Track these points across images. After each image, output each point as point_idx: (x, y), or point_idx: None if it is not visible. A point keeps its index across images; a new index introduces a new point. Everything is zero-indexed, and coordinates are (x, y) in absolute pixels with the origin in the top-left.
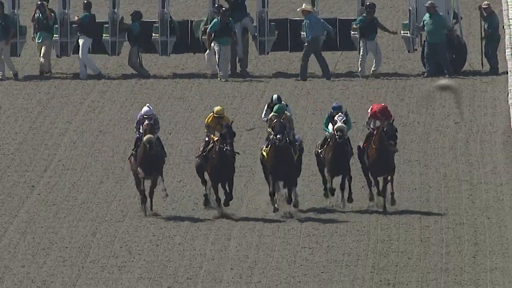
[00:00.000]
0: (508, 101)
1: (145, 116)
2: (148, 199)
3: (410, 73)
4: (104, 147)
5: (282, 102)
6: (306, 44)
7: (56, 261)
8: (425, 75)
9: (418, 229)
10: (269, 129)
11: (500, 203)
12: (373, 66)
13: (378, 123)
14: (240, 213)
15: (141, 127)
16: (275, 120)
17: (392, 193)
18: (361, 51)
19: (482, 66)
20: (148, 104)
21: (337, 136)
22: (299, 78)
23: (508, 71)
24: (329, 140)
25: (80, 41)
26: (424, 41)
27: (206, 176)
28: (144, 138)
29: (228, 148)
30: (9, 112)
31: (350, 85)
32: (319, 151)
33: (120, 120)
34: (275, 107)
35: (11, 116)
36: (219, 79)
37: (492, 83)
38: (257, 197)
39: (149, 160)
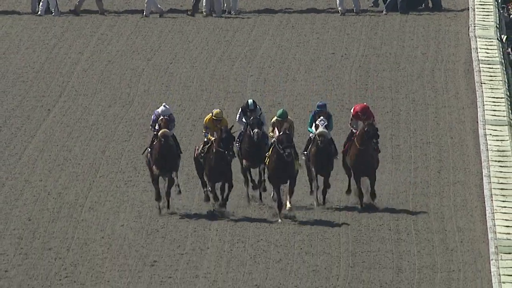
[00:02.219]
0: (469, 34)
1: (161, 118)
2: (165, 199)
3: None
4: (112, 75)
5: (257, 106)
6: None
7: (70, 176)
8: (384, 12)
9: (389, 147)
10: (271, 134)
11: (462, 124)
12: (353, 7)
13: (360, 124)
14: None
15: (157, 125)
16: (281, 133)
17: (373, 193)
18: None
19: (429, 3)
20: (164, 104)
21: (319, 141)
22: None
23: (469, 7)
24: (313, 140)
25: None
26: None
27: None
28: (160, 132)
29: (231, 153)
30: (27, 44)
31: (330, 20)
32: (304, 153)
33: (126, 51)
34: (278, 112)
35: (29, 47)
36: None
37: (455, 19)
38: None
39: (165, 158)
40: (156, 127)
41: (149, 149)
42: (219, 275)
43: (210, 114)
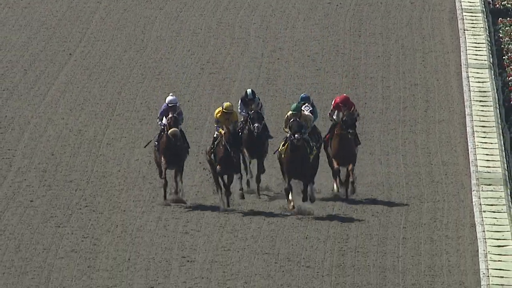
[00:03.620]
0: None
1: (170, 105)
2: (174, 184)
3: None
4: (128, 23)
5: (256, 96)
6: None
7: (89, 115)
8: None
9: (380, 88)
10: (286, 129)
11: (446, 67)
12: None
13: (340, 114)
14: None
15: (164, 118)
16: (292, 119)
17: (353, 182)
18: None
19: None
20: (171, 94)
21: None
22: None
23: None
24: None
25: None
26: None
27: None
28: (169, 131)
29: (235, 153)
30: None
31: None
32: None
33: (141, 0)
34: (292, 106)
35: None
36: None
37: None
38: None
39: (173, 151)
40: (164, 122)
41: (156, 143)
42: (222, 218)
43: (221, 107)
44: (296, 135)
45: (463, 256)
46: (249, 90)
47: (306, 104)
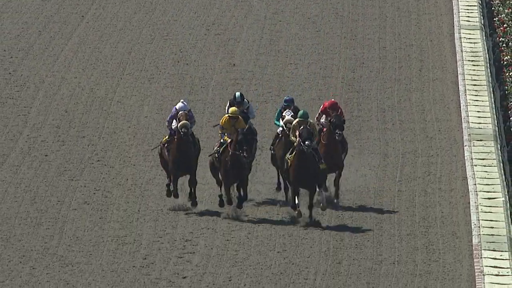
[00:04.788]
0: None
1: (180, 112)
2: (188, 190)
3: None
4: None
5: (245, 99)
6: None
7: (100, 74)
8: None
9: (377, 49)
10: (293, 138)
11: (440, 29)
12: None
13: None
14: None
15: (174, 121)
16: (301, 127)
17: (337, 189)
18: None
19: None
20: (182, 100)
21: (286, 129)
22: None
23: None
24: (280, 136)
25: None
26: None
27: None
28: (179, 124)
29: (246, 154)
30: None
31: None
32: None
33: None
34: (299, 113)
35: None
36: None
37: None
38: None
39: (183, 155)
40: (173, 124)
41: (166, 145)
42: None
43: (226, 115)
44: (306, 142)
45: (456, 207)
46: (237, 93)
47: (288, 110)
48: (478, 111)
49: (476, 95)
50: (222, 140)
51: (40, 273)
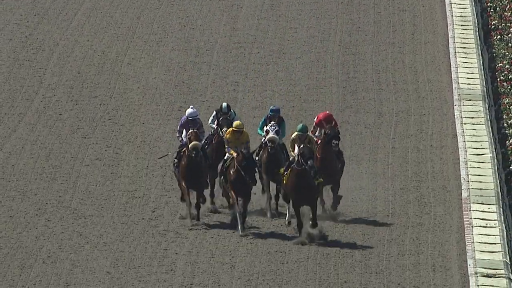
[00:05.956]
0: None
1: (189, 118)
2: (195, 211)
3: None
4: None
5: (231, 110)
6: None
7: (111, 37)
8: None
9: (372, 14)
10: (292, 153)
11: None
12: None
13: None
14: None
15: (184, 130)
16: (302, 146)
17: (335, 202)
18: None
19: None
20: (192, 106)
21: (269, 147)
22: None
23: None
24: (264, 146)
25: None
26: None
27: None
28: (190, 145)
29: (250, 181)
30: None
31: None
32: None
33: None
34: (298, 127)
35: None
36: None
37: None
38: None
39: (194, 173)
40: (184, 136)
41: (175, 161)
42: None
43: (231, 128)
44: (309, 162)
45: (446, 163)
46: (224, 104)
47: (273, 123)
48: (468, 73)
49: (465, 57)
50: (227, 155)
51: (54, 225)
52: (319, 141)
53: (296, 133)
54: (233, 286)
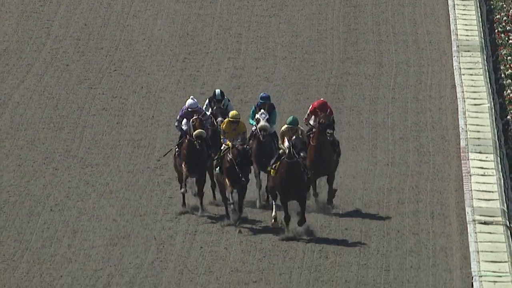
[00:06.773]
0: None
1: (190, 110)
2: (198, 200)
3: None
4: None
5: (225, 97)
6: None
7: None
8: None
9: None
10: (282, 146)
11: None
12: None
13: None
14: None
15: (184, 120)
16: (294, 137)
17: (331, 195)
18: None
19: None
20: (192, 97)
21: (260, 135)
22: None
23: None
24: (254, 135)
25: None
26: None
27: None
28: (195, 132)
29: (243, 179)
30: None
31: None
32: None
33: None
34: (289, 119)
35: None
36: None
37: None
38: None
39: (195, 157)
40: (184, 126)
41: (177, 148)
42: None
43: (227, 118)
44: (302, 154)
45: (445, 113)
46: (217, 91)
47: (263, 111)
48: (466, 24)
49: (464, 9)
50: (223, 146)
51: (62, 174)
52: (313, 129)
53: (286, 126)
54: (237, 224)
